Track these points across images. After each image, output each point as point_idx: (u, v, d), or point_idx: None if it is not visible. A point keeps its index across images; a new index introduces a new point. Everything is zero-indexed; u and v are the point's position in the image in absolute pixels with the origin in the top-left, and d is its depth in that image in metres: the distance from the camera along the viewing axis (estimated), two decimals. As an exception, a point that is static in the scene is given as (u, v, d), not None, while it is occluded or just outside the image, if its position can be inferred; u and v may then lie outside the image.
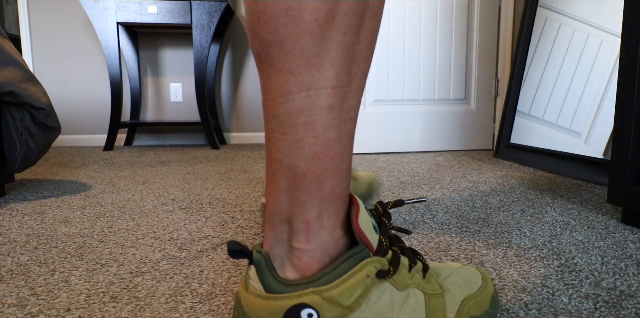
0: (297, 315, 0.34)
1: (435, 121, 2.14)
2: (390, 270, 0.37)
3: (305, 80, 0.30)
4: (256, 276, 0.36)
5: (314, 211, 0.35)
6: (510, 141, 1.83)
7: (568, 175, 1.42)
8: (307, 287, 0.35)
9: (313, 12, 0.29)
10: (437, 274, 0.45)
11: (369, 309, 0.36)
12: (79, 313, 0.51)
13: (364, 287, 0.36)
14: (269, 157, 0.35)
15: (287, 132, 0.32)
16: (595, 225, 0.87)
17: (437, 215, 0.94)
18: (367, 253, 0.36)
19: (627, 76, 0.83)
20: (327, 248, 0.37)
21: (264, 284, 0.35)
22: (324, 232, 0.36)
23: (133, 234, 0.82)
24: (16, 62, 1.05)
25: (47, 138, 1.13)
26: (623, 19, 0.84)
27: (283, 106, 0.32)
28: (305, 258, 0.36)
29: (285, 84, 0.31)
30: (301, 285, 0.35)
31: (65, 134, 2.61)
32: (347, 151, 0.35)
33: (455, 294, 0.43)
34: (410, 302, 0.39)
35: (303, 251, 0.36)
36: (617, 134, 0.86)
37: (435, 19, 2.09)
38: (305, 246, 0.36)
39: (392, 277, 0.38)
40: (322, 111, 0.32)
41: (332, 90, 0.31)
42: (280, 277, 0.36)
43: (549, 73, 1.65)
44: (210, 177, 1.45)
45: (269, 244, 0.37)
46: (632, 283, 0.58)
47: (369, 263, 0.36)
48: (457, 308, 0.42)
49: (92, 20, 2.19)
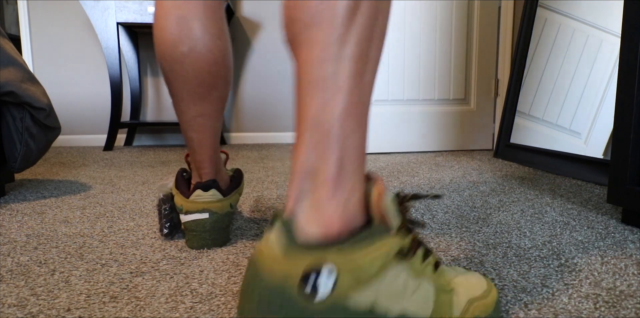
0: (318, 271, 0.35)
1: (435, 121, 2.14)
2: (410, 252, 0.39)
3: (335, 52, 0.40)
4: (276, 236, 0.36)
5: (336, 165, 0.39)
6: (510, 141, 1.83)
7: (568, 175, 1.42)
8: (330, 247, 0.35)
9: (343, 1, 0.39)
10: (444, 273, 0.45)
11: (382, 287, 0.36)
12: (79, 313, 0.51)
13: (384, 261, 0.37)
14: (299, 118, 0.41)
15: (318, 95, 0.40)
16: (595, 225, 0.87)
17: (437, 215, 0.94)
18: (387, 233, 0.38)
19: (627, 76, 0.83)
20: (348, 207, 0.39)
21: (283, 244, 0.36)
22: (345, 188, 0.39)
23: (133, 234, 0.82)
24: (16, 62, 1.05)
25: (47, 138, 1.13)
26: (623, 19, 0.84)
27: (318, 71, 0.40)
28: (328, 211, 0.38)
29: (320, 54, 0.40)
30: (322, 246, 0.36)
31: (65, 134, 2.61)
32: (365, 114, 0.42)
33: (462, 294, 0.44)
34: (421, 292, 0.39)
35: (326, 204, 0.38)
36: (617, 134, 0.86)
37: (435, 19, 2.09)
38: (327, 200, 0.38)
39: (411, 259, 0.39)
40: (348, 78, 0.40)
41: (355, 62, 0.41)
42: (300, 238, 0.37)
43: (549, 73, 1.65)
44: (210, 177, 1.45)
45: (293, 198, 0.39)
46: (632, 283, 0.58)
47: (391, 240, 0.38)
48: (462, 308, 0.43)
49: (92, 20, 2.19)
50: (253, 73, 2.68)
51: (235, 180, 0.82)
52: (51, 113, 1.10)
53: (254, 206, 1.03)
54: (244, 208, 1.01)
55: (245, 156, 2.01)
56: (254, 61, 2.66)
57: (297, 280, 0.35)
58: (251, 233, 0.82)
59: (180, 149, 2.33)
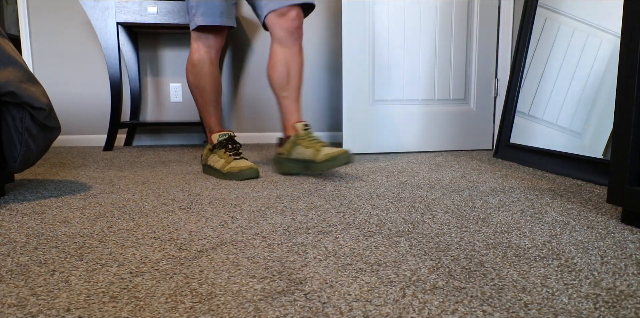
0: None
1: (435, 121, 2.14)
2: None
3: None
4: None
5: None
6: (510, 141, 1.83)
7: (568, 175, 1.42)
8: None
9: None
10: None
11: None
12: (79, 313, 0.51)
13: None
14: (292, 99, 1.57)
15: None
16: (595, 225, 0.87)
17: (437, 215, 0.94)
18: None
19: (627, 76, 0.83)
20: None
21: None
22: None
23: (133, 234, 0.82)
24: (16, 63, 1.05)
25: (47, 138, 1.13)
26: (623, 19, 0.84)
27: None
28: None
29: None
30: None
31: (65, 134, 2.61)
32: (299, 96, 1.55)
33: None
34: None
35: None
36: (617, 134, 0.86)
37: (435, 19, 2.09)
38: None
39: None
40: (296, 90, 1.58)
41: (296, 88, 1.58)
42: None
43: (548, 73, 1.65)
44: (210, 177, 1.45)
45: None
46: (632, 283, 0.59)
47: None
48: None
49: (92, 20, 2.19)
50: (253, 73, 2.68)
51: None
52: (51, 113, 1.10)
53: (253, 206, 1.03)
54: (244, 208, 1.01)
55: (245, 156, 2.00)
56: (254, 61, 2.66)
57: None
58: (251, 232, 0.82)
59: (179, 149, 2.33)
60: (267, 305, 0.53)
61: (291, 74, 1.48)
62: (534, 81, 1.73)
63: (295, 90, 1.49)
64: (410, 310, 0.51)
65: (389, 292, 0.56)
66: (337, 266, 0.65)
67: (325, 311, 0.51)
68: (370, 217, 0.93)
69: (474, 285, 0.58)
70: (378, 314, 0.50)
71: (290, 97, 1.49)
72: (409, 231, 0.83)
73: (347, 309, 0.52)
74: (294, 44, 1.48)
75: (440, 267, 0.65)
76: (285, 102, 1.49)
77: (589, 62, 1.45)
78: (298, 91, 1.50)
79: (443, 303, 0.53)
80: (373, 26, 2.03)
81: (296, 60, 1.48)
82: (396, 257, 0.69)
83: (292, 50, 1.48)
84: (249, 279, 0.61)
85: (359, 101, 2.05)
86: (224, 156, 1.45)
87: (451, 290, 0.57)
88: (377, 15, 2.03)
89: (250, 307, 0.52)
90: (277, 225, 0.87)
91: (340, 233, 0.82)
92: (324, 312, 0.51)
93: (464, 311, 0.51)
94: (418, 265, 0.65)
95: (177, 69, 2.63)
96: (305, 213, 0.97)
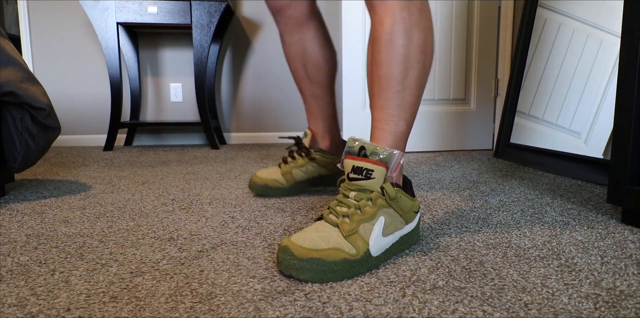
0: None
1: (435, 121, 2.14)
2: None
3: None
4: None
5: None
6: (510, 141, 1.83)
7: (568, 175, 1.42)
8: None
9: None
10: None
11: None
12: (79, 313, 0.51)
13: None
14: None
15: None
16: (595, 225, 0.87)
17: (437, 215, 0.94)
18: None
19: (627, 76, 0.83)
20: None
21: None
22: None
23: (133, 234, 0.82)
24: (16, 63, 1.05)
25: (47, 138, 1.13)
26: (623, 19, 0.84)
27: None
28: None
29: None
30: None
31: (65, 134, 2.61)
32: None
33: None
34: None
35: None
36: (617, 134, 0.86)
37: (436, 19, 2.09)
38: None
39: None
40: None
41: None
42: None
43: (549, 73, 1.65)
44: (210, 177, 1.45)
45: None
46: (632, 283, 0.59)
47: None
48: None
49: (92, 20, 2.19)
50: (253, 73, 2.67)
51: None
52: (51, 113, 1.10)
53: (253, 206, 1.03)
54: (244, 207, 1.01)
55: (245, 156, 2.01)
56: (254, 61, 2.66)
57: None
58: (252, 232, 0.82)
59: (179, 149, 2.33)
60: (267, 305, 0.53)
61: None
62: (534, 81, 1.73)
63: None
64: (410, 310, 0.51)
65: (389, 292, 0.56)
66: (337, 266, 0.65)
67: (325, 311, 0.51)
68: (370, 217, 0.93)
69: (474, 285, 0.58)
70: (378, 314, 0.50)
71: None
72: (409, 231, 0.83)
73: (347, 309, 0.52)
74: None
75: (440, 267, 0.65)
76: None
77: (589, 62, 1.45)
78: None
79: (443, 303, 0.53)
80: (373, 26, 2.03)
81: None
82: (396, 257, 0.69)
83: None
84: (249, 279, 0.61)
85: (359, 101, 2.05)
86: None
87: (451, 290, 0.57)
88: (377, 15, 2.03)
89: (250, 307, 0.52)
90: (277, 225, 0.87)
91: (340, 233, 0.82)
92: (324, 312, 0.51)
93: (464, 311, 0.51)
94: (418, 265, 0.65)
95: (177, 69, 2.63)
96: (305, 213, 0.97)
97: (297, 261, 0.59)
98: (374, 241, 0.64)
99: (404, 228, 0.70)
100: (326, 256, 0.59)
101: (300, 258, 0.59)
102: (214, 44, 2.55)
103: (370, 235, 0.64)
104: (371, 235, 0.64)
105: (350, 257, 0.61)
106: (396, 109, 0.72)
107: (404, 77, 0.72)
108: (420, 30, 0.72)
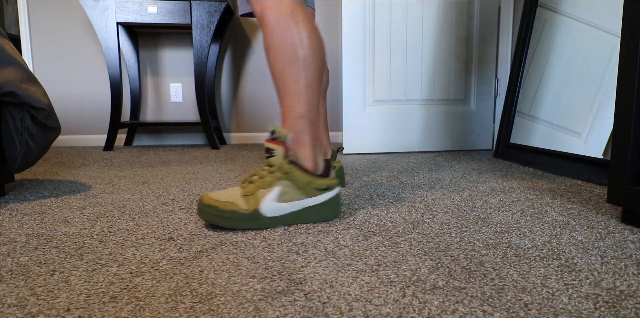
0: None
1: (435, 121, 2.14)
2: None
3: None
4: None
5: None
6: (510, 141, 1.83)
7: (568, 175, 1.42)
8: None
9: None
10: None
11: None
12: (79, 313, 0.51)
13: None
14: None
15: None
16: (595, 225, 0.87)
17: (437, 215, 0.94)
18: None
19: (627, 76, 0.83)
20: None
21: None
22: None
23: (133, 234, 0.82)
24: (16, 63, 1.05)
25: (47, 138, 1.13)
26: (623, 19, 0.84)
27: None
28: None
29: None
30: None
31: (65, 134, 2.61)
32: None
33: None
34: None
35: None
36: (617, 134, 0.86)
37: (436, 19, 2.09)
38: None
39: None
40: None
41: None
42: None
43: (548, 73, 1.65)
44: (210, 177, 1.45)
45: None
46: (632, 283, 0.58)
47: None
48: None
49: (92, 20, 2.19)
50: (253, 73, 2.67)
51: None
52: (51, 113, 1.10)
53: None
54: (244, 208, 1.01)
55: (245, 156, 2.01)
56: (254, 61, 2.66)
57: None
58: (252, 232, 0.82)
59: (179, 149, 2.33)
60: (267, 305, 0.53)
61: None
62: (534, 81, 1.73)
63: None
64: (410, 310, 0.51)
65: (389, 292, 0.56)
66: (337, 266, 0.65)
67: (325, 311, 0.51)
68: (370, 217, 0.93)
69: (474, 285, 0.58)
70: (378, 314, 0.50)
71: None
72: (409, 231, 0.82)
73: (347, 309, 0.52)
74: None
75: (440, 267, 0.65)
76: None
77: (588, 62, 1.45)
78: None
79: (443, 303, 0.53)
80: (373, 26, 2.03)
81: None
82: (396, 257, 0.69)
83: None
84: (249, 279, 0.61)
85: (359, 101, 2.05)
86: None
87: (451, 290, 0.57)
88: (377, 15, 2.03)
89: (250, 307, 0.52)
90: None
91: (340, 233, 0.82)
92: (324, 311, 0.51)
93: (464, 311, 0.51)
94: (418, 265, 0.65)
95: (177, 69, 2.63)
96: (305, 213, 0.97)
97: (202, 205, 0.83)
98: (266, 204, 0.82)
99: (305, 200, 0.85)
100: (221, 205, 0.82)
101: (203, 203, 0.83)
102: (214, 44, 2.55)
103: (264, 198, 0.82)
104: (265, 198, 0.83)
105: (240, 210, 0.81)
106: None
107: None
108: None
